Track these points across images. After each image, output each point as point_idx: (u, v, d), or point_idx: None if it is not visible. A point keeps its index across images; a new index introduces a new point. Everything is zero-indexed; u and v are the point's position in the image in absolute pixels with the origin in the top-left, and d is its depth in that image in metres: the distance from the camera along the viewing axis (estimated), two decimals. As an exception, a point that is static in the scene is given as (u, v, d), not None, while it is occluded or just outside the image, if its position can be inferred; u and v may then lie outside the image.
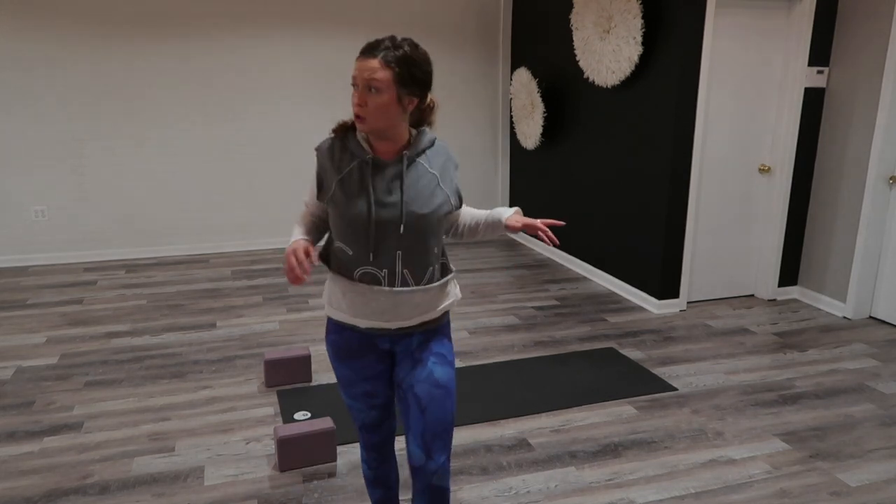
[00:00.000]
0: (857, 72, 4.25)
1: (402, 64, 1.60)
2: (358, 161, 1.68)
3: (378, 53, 1.58)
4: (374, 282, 1.70)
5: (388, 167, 1.68)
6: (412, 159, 1.70)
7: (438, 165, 1.74)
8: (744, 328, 4.25)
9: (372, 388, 1.87)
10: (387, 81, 1.58)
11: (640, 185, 4.60)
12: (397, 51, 1.59)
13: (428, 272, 1.74)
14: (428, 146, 1.75)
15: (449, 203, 1.75)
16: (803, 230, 4.74)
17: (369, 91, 1.58)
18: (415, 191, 1.67)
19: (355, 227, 1.66)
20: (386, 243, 1.67)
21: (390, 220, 1.65)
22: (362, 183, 1.66)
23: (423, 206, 1.68)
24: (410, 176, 1.68)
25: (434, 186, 1.71)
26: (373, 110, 1.59)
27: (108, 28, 5.32)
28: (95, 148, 5.50)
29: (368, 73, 1.57)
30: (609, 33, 4.56)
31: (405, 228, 1.66)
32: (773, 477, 2.66)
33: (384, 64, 1.58)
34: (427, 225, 1.69)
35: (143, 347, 3.87)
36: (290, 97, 5.85)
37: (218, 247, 5.97)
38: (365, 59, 1.59)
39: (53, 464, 2.70)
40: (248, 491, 2.54)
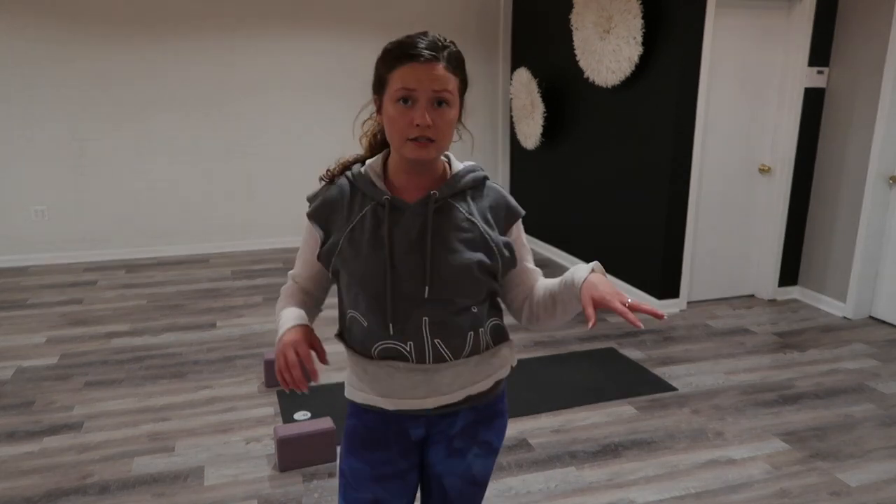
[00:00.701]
0: (857, 72, 4.25)
1: (462, 68, 1.29)
2: (372, 205, 1.32)
3: (442, 56, 1.23)
4: (399, 357, 1.34)
5: (412, 211, 1.31)
6: (443, 200, 1.32)
7: (482, 211, 1.35)
8: (744, 328, 4.25)
9: (384, 494, 1.42)
10: (455, 92, 1.26)
11: (640, 184, 4.60)
12: (454, 50, 1.27)
13: (469, 340, 1.36)
14: (470, 185, 1.36)
15: (495, 257, 1.33)
16: (803, 230, 4.74)
17: (437, 106, 1.24)
18: (445, 243, 1.30)
19: (368, 292, 1.31)
20: (408, 310, 1.31)
21: (411, 280, 1.29)
22: (376, 233, 1.30)
23: (454, 261, 1.30)
24: (441, 223, 1.31)
25: (473, 238, 1.32)
26: (443, 129, 1.25)
27: (108, 28, 5.32)
28: (95, 148, 5.50)
29: (440, 85, 1.22)
30: (609, 33, 4.56)
31: (431, 291, 1.29)
32: (773, 477, 2.66)
33: (451, 70, 1.25)
34: (459, 286, 1.31)
35: (143, 347, 3.87)
36: (291, 97, 5.85)
37: (218, 247, 5.97)
38: (429, 64, 1.22)
39: (53, 464, 2.70)
40: (247, 491, 2.54)
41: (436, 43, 1.24)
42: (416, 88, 1.22)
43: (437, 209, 1.32)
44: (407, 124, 1.23)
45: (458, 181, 1.35)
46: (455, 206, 1.34)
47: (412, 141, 1.24)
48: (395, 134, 1.25)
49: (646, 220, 4.57)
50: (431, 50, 1.22)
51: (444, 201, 1.33)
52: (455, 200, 1.34)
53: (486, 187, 1.39)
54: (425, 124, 1.22)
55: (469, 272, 1.31)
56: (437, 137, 1.25)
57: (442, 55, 1.23)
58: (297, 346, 1.27)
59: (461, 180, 1.36)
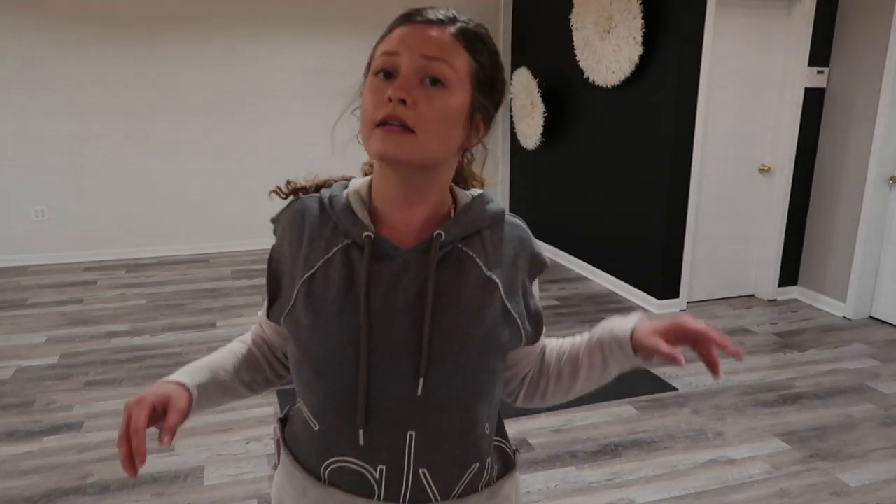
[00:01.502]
0: (858, 72, 4.25)
1: (487, 54, 0.89)
2: (344, 244, 0.90)
3: (450, 23, 0.86)
4: (359, 488, 0.90)
5: (405, 260, 0.89)
6: (452, 245, 0.91)
7: (504, 263, 0.94)
8: (744, 328, 4.25)
9: None
10: (463, 72, 0.85)
11: (640, 184, 4.60)
12: (473, 28, 0.88)
13: (469, 471, 0.94)
14: (488, 224, 0.94)
15: (518, 334, 0.94)
16: (803, 230, 4.74)
17: (426, 84, 0.83)
18: (453, 313, 0.88)
19: (328, 382, 0.88)
20: (387, 417, 0.88)
21: (397, 370, 0.87)
22: (347, 290, 0.88)
23: (465, 341, 0.88)
24: (447, 282, 0.89)
25: (492, 307, 0.90)
26: (431, 117, 0.83)
27: (108, 28, 5.32)
28: (95, 148, 5.50)
29: (432, 47, 0.83)
30: (609, 33, 4.56)
31: (427, 389, 0.87)
32: (773, 477, 2.66)
33: (461, 42, 0.85)
34: (471, 384, 0.90)
35: (143, 347, 3.87)
36: (291, 97, 5.85)
37: (218, 247, 5.97)
38: (426, 25, 0.85)
39: (53, 463, 2.70)
40: (247, 491, 2.54)
41: (451, 14, 0.88)
42: (398, 51, 0.84)
43: (442, 259, 0.89)
44: (377, 103, 0.83)
45: (473, 217, 0.93)
46: (468, 255, 0.91)
47: (379, 127, 0.83)
48: (365, 123, 0.85)
49: (646, 219, 4.57)
50: (441, 16, 0.87)
51: (452, 247, 0.91)
52: (468, 247, 0.92)
53: (508, 224, 0.97)
54: (398, 96, 0.81)
55: (487, 363, 0.90)
56: (418, 126, 0.82)
57: (452, 22, 0.86)
58: (137, 409, 0.83)
59: (476, 215, 0.93)
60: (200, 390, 0.94)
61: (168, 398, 0.88)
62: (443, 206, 0.94)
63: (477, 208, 0.94)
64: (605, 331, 0.96)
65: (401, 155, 0.82)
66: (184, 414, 0.88)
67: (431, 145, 0.84)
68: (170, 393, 0.89)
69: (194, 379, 0.94)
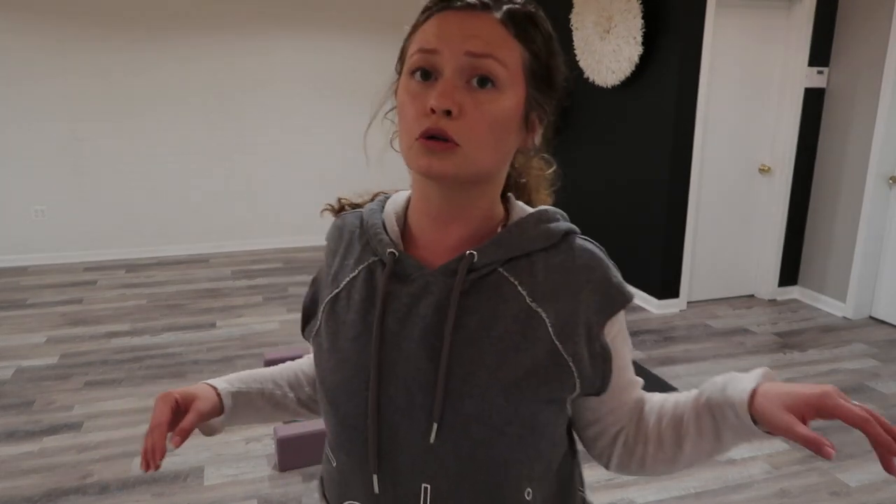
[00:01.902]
0: (857, 72, 4.25)
1: (541, 39, 0.76)
2: (369, 262, 0.82)
3: (496, 4, 0.74)
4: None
5: (426, 282, 0.78)
6: (490, 269, 0.78)
7: (560, 295, 0.79)
8: (744, 328, 4.25)
9: None
10: (515, 67, 0.74)
11: (639, 184, 4.60)
12: (529, 9, 0.76)
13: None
14: (543, 246, 0.81)
15: (569, 384, 0.78)
16: (803, 230, 4.74)
17: (476, 86, 0.72)
18: (477, 347, 0.75)
19: (341, 412, 0.80)
20: (400, 462, 0.77)
21: (409, 409, 0.76)
22: (366, 311, 0.80)
23: (490, 384, 0.75)
24: (474, 310, 0.77)
25: (531, 341, 0.76)
26: (480, 126, 0.72)
27: (108, 28, 5.32)
28: (95, 148, 5.49)
29: (478, 43, 0.71)
30: (609, 33, 4.56)
31: (441, 437, 0.75)
32: (773, 477, 2.66)
33: (510, 30, 0.73)
34: (498, 430, 0.75)
35: (142, 347, 3.87)
36: (291, 97, 5.85)
37: (218, 247, 5.97)
38: (468, 12, 0.73)
39: (53, 463, 2.70)
40: (247, 491, 2.54)
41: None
42: (437, 48, 0.71)
43: (472, 284, 0.77)
44: (417, 112, 0.72)
45: (520, 235, 0.80)
46: (509, 281, 0.78)
47: (419, 141, 0.72)
48: (404, 132, 0.75)
49: (646, 219, 4.57)
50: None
51: (491, 271, 0.78)
52: (512, 272, 0.78)
53: (574, 250, 0.82)
54: (442, 107, 0.69)
55: (520, 412, 0.75)
56: (465, 139, 0.71)
57: (498, 5, 0.73)
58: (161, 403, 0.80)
59: (525, 234, 0.80)
60: (237, 398, 0.87)
61: (193, 398, 0.83)
62: (488, 222, 0.81)
63: (528, 227, 0.80)
64: (717, 390, 0.77)
65: (447, 171, 0.72)
66: (202, 416, 0.82)
67: (482, 158, 0.73)
68: (196, 393, 0.84)
69: (232, 385, 0.88)
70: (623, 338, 0.84)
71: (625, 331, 0.84)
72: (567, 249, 0.81)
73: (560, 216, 0.85)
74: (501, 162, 0.78)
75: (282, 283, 5.08)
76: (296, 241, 6.11)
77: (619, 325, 0.83)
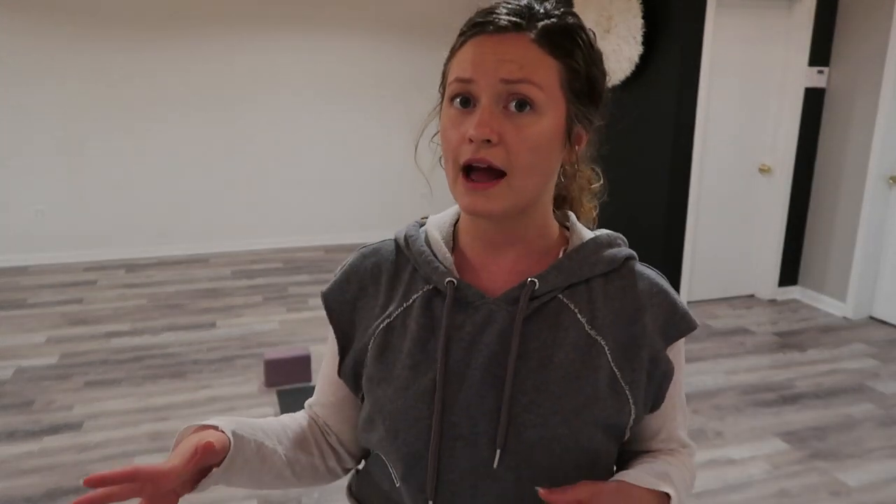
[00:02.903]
0: (858, 72, 4.25)
1: (580, 51, 0.76)
2: (425, 291, 0.81)
3: (531, 25, 0.73)
4: None
5: (489, 310, 0.78)
6: (550, 296, 0.79)
7: (619, 321, 0.80)
8: (744, 328, 4.25)
9: None
10: (553, 87, 0.73)
11: (640, 184, 4.60)
12: (566, 21, 0.75)
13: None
14: (602, 271, 0.82)
15: (626, 411, 0.79)
16: (803, 230, 4.74)
17: (515, 110, 0.72)
18: (540, 374, 0.76)
19: (401, 440, 0.78)
20: (461, 486, 0.77)
21: (472, 436, 0.76)
22: (426, 340, 0.79)
23: (553, 411, 0.76)
24: (536, 337, 0.78)
25: (591, 368, 0.77)
26: (522, 151, 0.72)
27: (108, 28, 5.32)
28: (95, 148, 5.49)
29: (511, 70, 0.71)
30: (609, 33, 4.56)
31: (504, 462, 0.76)
32: (772, 477, 2.66)
33: (545, 46, 0.73)
34: (559, 457, 0.76)
35: (142, 347, 3.87)
36: (290, 97, 5.85)
37: (218, 246, 5.97)
38: (501, 36, 0.72)
39: (53, 463, 2.70)
40: (247, 491, 2.54)
41: (528, 6, 0.74)
42: (473, 77, 0.71)
43: (534, 311, 0.78)
44: (458, 142, 0.73)
45: (581, 262, 0.80)
46: (568, 308, 0.78)
47: (463, 176, 0.73)
48: (447, 160, 0.75)
49: (646, 219, 4.57)
50: (514, 15, 0.72)
51: (551, 298, 0.78)
52: (571, 298, 0.79)
53: (635, 275, 0.84)
54: (480, 137, 0.70)
55: (581, 439, 0.76)
56: (509, 166, 0.71)
57: (531, 23, 0.72)
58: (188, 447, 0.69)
59: (586, 260, 0.80)
60: (237, 440, 0.75)
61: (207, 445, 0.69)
62: (543, 242, 0.81)
63: (588, 253, 0.81)
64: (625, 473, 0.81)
65: (494, 210, 0.73)
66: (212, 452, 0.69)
67: (527, 185, 0.73)
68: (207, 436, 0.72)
69: (230, 425, 0.76)
70: (677, 374, 0.83)
71: (682, 365, 0.84)
72: (627, 275, 0.83)
73: (621, 241, 0.87)
74: (547, 182, 0.78)
75: (282, 283, 5.08)
76: (296, 241, 6.11)
77: (678, 352, 0.83)
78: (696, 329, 0.84)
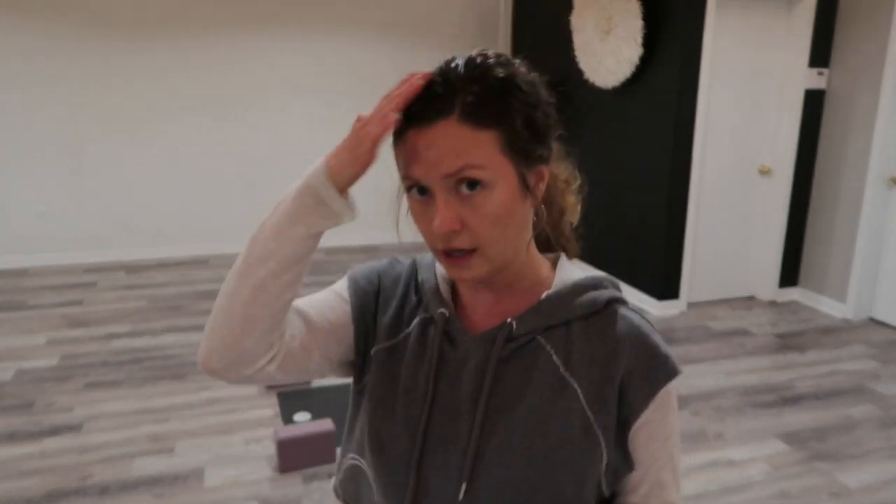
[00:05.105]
0: (858, 73, 4.26)
1: (512, 103, 0.75)
2: (422, 318, 0.85)
3: (456, 104, 0.72)
4: None
5: (468, 349, 0.81)
6: (529, 337, 0.80)
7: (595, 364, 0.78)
8: (744, 329, 4.25)
9: None
10: (494, 156, 0.73)
11: (640, 186, 4.60)
12: (485, 82, 0.74)
13: None
14: (581, 314, 0.80)
15: (597, 457, 0.78)
16: (803, 231, 4.74)
17: (467, 190, 0.73)
18: (510, 414, 0.77)
19: (384, 458, 0.81)
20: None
21: (444, 467, 0.79)
22: (417, 367, 0.82)
23: (520, 453, 0.76)
24: (511, 377, 0.79)
25: (562, 411, 0.77)
26: (485, 226, 0.74)
27: (108, 28, 5.33)
28: (95, 148, 5.50)
29: (450, 163, 0.71)
30: (609, 34, 4.56)
31: (470, 493, 0.77)
32: (772, 478, 2.66)
33: (473, 124, 0.72)
34: (525, 499, 0.76)
35: (143, 349, 3.87)
36: (291, 98, 5.86)
37: (218, 248, 5.97)
38: (432, 128, 0.72)
39: (53, 465, 2.70)
40: (247, 492, 2.54)
41: (445, 80, 0.73)
42: (417, 176, 0.74)
43: (512, 351, 0.79)
44: (428, 231, 0.76)
45: (559, 304, 0.80)
46: (544, 349, 0.79)
47: (444, 255, 0.76)
48: (425, 240, 0.79)
49: (646, 221, 4.57)
50: (435, 100, 0.72)
51: (526, 339, 0.79)
52: (547, 339, 0.79)
53: (616, 318, 0.80)
54: (442, 230, 0.72)
55: (550, 483, 0.75)
56: (478, 243, 0.74)
57: (452, 103, 0.71)
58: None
59: (565, 303, 0.80)
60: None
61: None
62: (528, 283, 0.83)
63: (567, 296, 0.81)
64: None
65: (476, 276, 0.76)
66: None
67: (500, 250, 0.76)
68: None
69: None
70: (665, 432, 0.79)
71: (670, 423, 0.80)
72: (609, 317, 0.81)
73: (608, 283, 0.85)
74: (521, 239, 0.78)
75: (282, 285, 5.07)
76: (296, 242, 6.10)
77: (662, 409, 0.78)
78: (679, 376, 0.80)
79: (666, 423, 0.80)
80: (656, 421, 0.79)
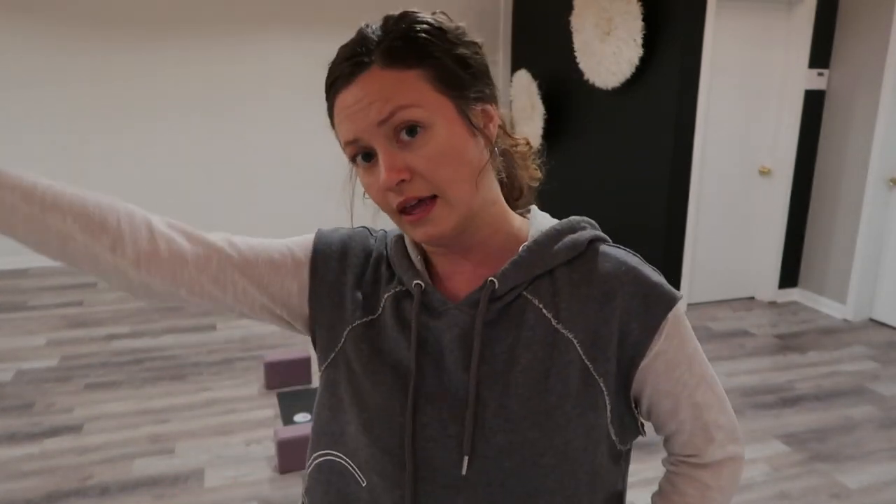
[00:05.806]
0: (858, 74, 4.26)
1: (431, 42, 0.72)
2: (396, 291, 0.80)
3: (375, 53, 0.71)
4: None
5: (452, 316, 0.76)
6: (515, 294, 0.76)
7: (588, 309, 0.75)
8: (744, 330, 4.25)
9: None
10: (425, 93, 0.70)
11: (640, 186, 4.61)
12: (397, 27, 0.73)
13: None
14: (564, 260, 0.77)
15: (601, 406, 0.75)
16: (803, 232, 4.74)
17: (407, 136, 0.70)
18: (505, 378, 0.73)
19: (375, 434, 0.77)
20: (435, 491, 0.75)
21: (442, 441, 0.74)
22: (398, 342, 0.78)
23: (522, 416, 0.72)
24: (501, 339, 0.75)
25: (560, 366, 0.73)
26: (437, 169, 0.70)
27: (108, 29, 5.33)
28: (96, 150, 5.50)
29: (383, 106, 0.69)
30: (609, 35, 4.56)
31: (473, 465, 0.73)
32: (772, 479, 2.66)
33: (395, 65, 0.70)
34: (533, 463, 0.73)
35: (143, 349, 3.87)
36: (292, 97, 5.86)
37: (218, 248, 5.96)
38: (356, 81, 0.71)
39: (54, 465, 2.70)
40: (247, 493, 2.54)
41: (361, 40, 0.73)
42: (356, 135, 0.71)
43: (498, 313, 0.75)
44: (381, 194, 0.73)
45: (540, 253, 0.76)
46: (532, 303, 0.75)
47: (403, 215, 0.72)
48: (383, 209, 0.75)
49: (646, 221, 4.57)
50: (354, 57, 0.72)
51: (516, 296, 0.75)
52: (535, 293, 0.75)
53: (599, 257, 0.77)
54: (392, 183, 0.69)
55: (555, 442, 0.73)
56: (435, 188, 0.70)
57: (371, 54, 0.71)
58: None
59: (545, 250, 0.76)
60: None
61: None
62: (502, 240, 0.78)
63: (546, 242, 0.76)
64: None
65: (445, 230, 0.72)
66: None
67: (461, 193, 0.71)
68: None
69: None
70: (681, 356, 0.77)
71: (688, 344, 0.77)
72: (592, 258, 0.77)
73: (586, 224, 0.80)
74: (481, 180, 0.74)
75: (282, 285, 5.07)
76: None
77: (672, 334, 0.76)
78: (680, 300, 0.77)
79: (684, 348, 0.77)
80: (672, 349, 0.76)
